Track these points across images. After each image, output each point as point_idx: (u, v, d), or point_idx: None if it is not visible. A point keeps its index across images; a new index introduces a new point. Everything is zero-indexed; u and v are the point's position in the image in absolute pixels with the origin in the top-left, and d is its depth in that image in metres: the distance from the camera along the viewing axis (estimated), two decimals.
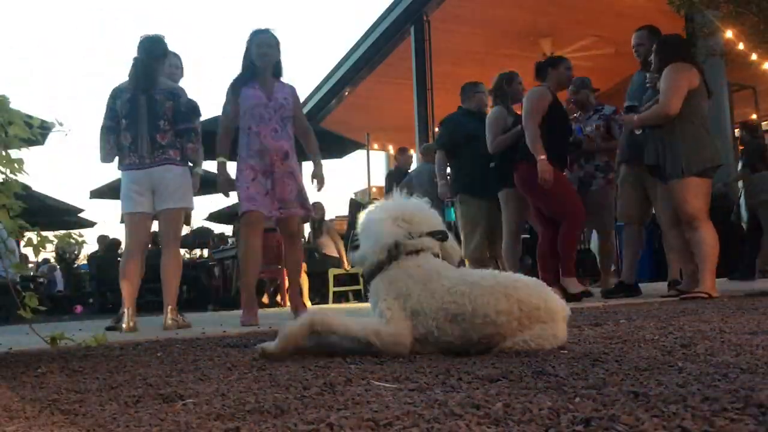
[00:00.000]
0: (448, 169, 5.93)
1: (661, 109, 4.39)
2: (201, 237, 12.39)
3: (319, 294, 9.04)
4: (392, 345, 1.82)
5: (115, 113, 4.04)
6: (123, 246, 5.05)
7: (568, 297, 4.61)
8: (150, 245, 4.68)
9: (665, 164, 4.46)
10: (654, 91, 4.62)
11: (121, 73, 4.24)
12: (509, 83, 5.46)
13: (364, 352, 1.85)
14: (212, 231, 12.85)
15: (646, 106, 4.67)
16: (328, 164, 8.22)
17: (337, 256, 9.33)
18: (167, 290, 4.03)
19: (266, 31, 4.23)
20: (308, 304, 8.71)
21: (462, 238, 5.53)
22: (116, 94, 4.06)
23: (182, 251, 7.66)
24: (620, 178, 5.14)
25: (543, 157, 4.59)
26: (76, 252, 13.63)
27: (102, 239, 12.41)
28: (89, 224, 13.58)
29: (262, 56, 4.17)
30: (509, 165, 5.03)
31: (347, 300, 9.62)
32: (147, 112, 3.98)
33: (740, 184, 7.85)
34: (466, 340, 1.81)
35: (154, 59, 4.09)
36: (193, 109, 4.13)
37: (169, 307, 3.96)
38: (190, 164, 4.26)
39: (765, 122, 11.91)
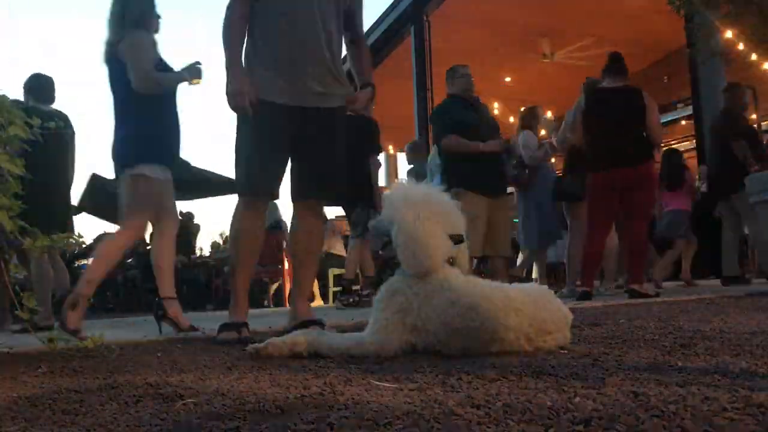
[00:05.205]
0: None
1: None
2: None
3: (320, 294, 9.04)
4: (373, 354, 1.80)
5: None
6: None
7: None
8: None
9: None
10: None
11: None
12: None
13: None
14: None
15: None
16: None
17: (339, 255, 9.32)
18: None
19: None
20: (320, 301, 8.72)
21: None
22: None
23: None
24: None
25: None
26: (76, 252, 13.61)
27: (101, 238, 12.35)
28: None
29: None
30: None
31: None
32: None
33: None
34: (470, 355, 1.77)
35: None
36: None
37: None
38: None
39: (765, 122, 11.89)
